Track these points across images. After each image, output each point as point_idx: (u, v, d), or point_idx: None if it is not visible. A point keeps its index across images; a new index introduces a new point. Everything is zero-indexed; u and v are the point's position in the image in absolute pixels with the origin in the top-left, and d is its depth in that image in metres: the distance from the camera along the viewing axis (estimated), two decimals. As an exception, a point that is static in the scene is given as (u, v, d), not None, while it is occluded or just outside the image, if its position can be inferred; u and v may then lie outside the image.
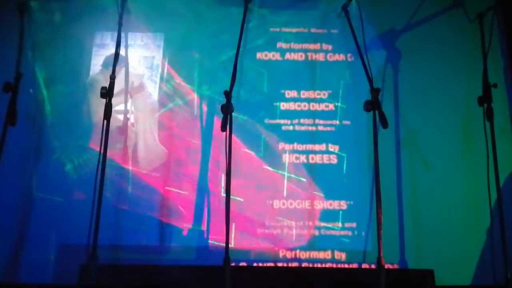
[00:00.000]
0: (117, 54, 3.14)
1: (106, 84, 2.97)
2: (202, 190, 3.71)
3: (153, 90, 3.93)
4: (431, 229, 3.60)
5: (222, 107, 2.86)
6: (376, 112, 2.93)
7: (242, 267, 3.48)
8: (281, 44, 4.00)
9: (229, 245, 2.74)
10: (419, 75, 3.92)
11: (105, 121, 2.91)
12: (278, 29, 4.02)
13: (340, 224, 3.66)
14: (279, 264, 3.54)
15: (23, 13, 3.16)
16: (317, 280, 3.29)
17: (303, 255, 3.60)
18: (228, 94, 2.90)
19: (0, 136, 2.91)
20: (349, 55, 3.92)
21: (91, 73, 3.91)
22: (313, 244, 3.63)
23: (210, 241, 3.59)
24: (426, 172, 3.72)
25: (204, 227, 3.63)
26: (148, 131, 3.83)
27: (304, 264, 3.57)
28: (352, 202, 3.71)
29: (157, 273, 3.27)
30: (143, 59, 3.99)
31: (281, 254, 3.60)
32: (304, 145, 3.81)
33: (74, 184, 3.60)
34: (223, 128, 2.82)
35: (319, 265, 3.56)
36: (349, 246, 3.62)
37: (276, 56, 3.98)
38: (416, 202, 3.69)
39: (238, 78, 3.18)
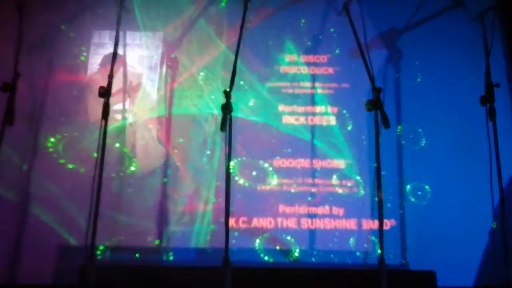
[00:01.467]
0: (115, 54, 3.11)
1: (104, 83, 2.95)
2: (202, 190, 3.70)
3: (151, 90, 3.91)
4: (433, 230, 3.60)
5: (222, 107, 2.85)
6: (378, 111, 2.91)
7: (242, 267, 3.46)
8: None
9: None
10: (420, 74, 3.92)
11: (103, 121, 2.89)
12: None
13: (338, 182, 3.75)
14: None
15: (22, 12, 3.13)
16: (318, 280, 3.29)
17: (302, 210, 3.70)
18: (227, 94, 2.89)
19: (-1, 136, 2.89)
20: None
21: (88, 72, 3.89)
22: (312, 200, 3.72)
23: (210, 241, 3.59)
24: (428, 172, 3.72)
25: (204, 227, 3.62)
26: (146, 131, 3.82)
27: (303, 221, 3.66)
28: (350, 161, 3.80)
29: (157, 273, 3.26)
30: (142, 58, 3.97)
31: (280, 210, 3.69)
32: (304, 107, 3.88)
33: (73, 184, 3.59)
34: (223, 128, 2.80)
35: (320, 224, 3.68)
36: (347, 202, 3.72)
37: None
38: (418, 202, 3.69)
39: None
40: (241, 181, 3.74)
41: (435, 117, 3.84)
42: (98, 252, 3.49)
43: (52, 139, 3.72)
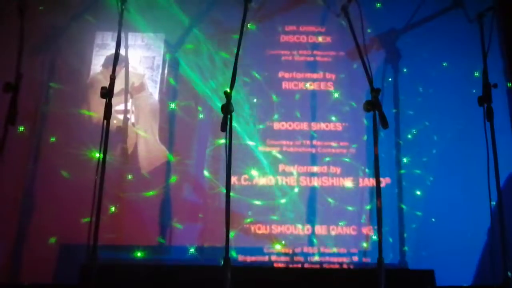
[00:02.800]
0: (117, 54, 3.13)
1: (107, 84, 2.97)
2: (203, 190, 3.71)
3: (153, 90, 3.93)
4: (432, 229, 3.61)
5: (222, 107, 2.86)
6: (376, 112, 2.92)
7: (242, 267, 3.48)
8: None
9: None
10: (419, 75, 3.93)
11: (105, 121, 2.91)
12: None
13: (335, 143, 3.83)
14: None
15: (23, 13, 3.15)
16: (317, 280, 3.30)
17: (301, 169, 3.77)
18: (228, 95, 2.90)
19: (0, 136, 2.90)
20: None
21: (91, 73, 3.91)
22: (310, 160, 3.80)
23: (210, 241, 3.60)
24: (427, 172, 3.73)
25: (204, 227, 3.63)
26: (148, 131, 3.84)
27: (302, 179, 3.73)
28: (347, 124, 3.87)
29: (157, 273, 3.27)
30: (144, 59, 3.99)
31: (280, 169, 3.77)
32: (303, 73, 3.99)
33: (74, 184, 3.60)
34: (223, 128, 2.81)
35: (317, 183, 3.74)
36: (344, 162, 3.81)
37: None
38: (416, 202, 3.70)
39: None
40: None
41: (434, 117, 3.85)
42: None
43: (54, 139, 3.73)
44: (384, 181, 3.73)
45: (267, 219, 3.68)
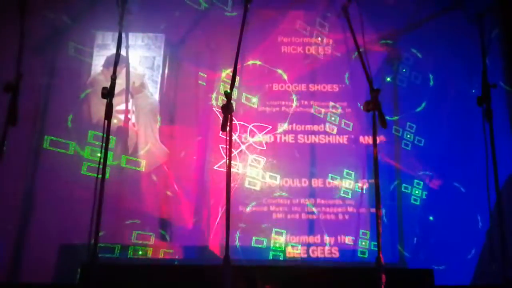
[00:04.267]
0: (118, 55, 3.14)
1: (107, 84, 2.97)
2: (203, 189, 3.72)
3: (154, 90, 3.94)
4: (431, 229, 3.62)
5: (223, 107, 2.86)
6: (376, 112, 2.93)
7: (242, 266, 3.49)
8: None
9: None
10: (419, 75, 3.93)
11: (106, 121, 2.91)
12: None
13: (331, 103, 3.94)
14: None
15: (23, 13, 3.15)
16: (317, 279, 3.30)
17: (299, 127, 3.87)
18: (228, 95, 2.90)
19: (0, 136, 2.90)
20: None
21: (92, 73, 3.92)
22: (308, 119, 3.94)
23: (210, 241, 3.60)
24: (426, 172, 3.74)
25: (204, 227, 3.64)
26: (149, 131, 3.84)
27: (300, 136, 3.85)
28: (343, 85, 3.97)
29: (157, 273, 3.27)
30: (144, 59, 4.00)
31: (279, 129, 3.87)
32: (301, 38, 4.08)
33: (74, 183, 3.61)
34: (223, 128, 2.82)
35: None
36: (340, 122, 3.91)
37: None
38: (415, 202, 3.70)
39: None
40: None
41: (434, 117, 3.86)
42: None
43: (55, 139, 3.74)
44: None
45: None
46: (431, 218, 3.67)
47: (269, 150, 3.84)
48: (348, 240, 3.71)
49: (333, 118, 3.92)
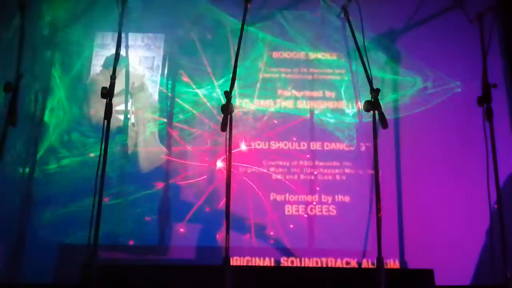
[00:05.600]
0: (117, 55, 3.14)
1: (107, 84, 2.97)
2: (203, 189, 3.72)
3: (153, 91, 3.94)
4: (431, 229, 3.61)
5: (222, 107, 2.86)
6: (376, 112, 2.93)
7: (242, 266, 3.49)
8: None
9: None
10: (419, 75, 3.93)
11: (106, 121, 2.91)
12: None
13: (331, 71, 3.97)
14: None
15: (23, 13, 3.16)
16: (317, 280, 3.30)
17: (299, 94, 3.95)
18: (228, 94, 2.91)
19: (0, 136, 2.91)
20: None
21: (91, 73, 3.92)
22: (307, 85, 3.98)
23: (210, 241, 3.61)
24: (426, 172, 3.74)
25: (204, 227, 3.64)
26: (148, 131, 3.84)
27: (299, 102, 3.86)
28: (341, 54, 4.01)
29: (157, 273, 3.27)
30: (144, 59, 4.00)
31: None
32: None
33: (74, 184, 3.61)
34: (223, 128, 2.82)
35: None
36: (339, 88, 3.94)
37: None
38: (416, 202, 3.70)
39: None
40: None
41: (434, 116, 3.86)
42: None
43: (55, 139, 3.74)
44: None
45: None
46: (432, 218, 3.66)
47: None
48: (345, 198, 3.74)
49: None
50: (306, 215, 3.71)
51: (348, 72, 3.97)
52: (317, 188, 3.77)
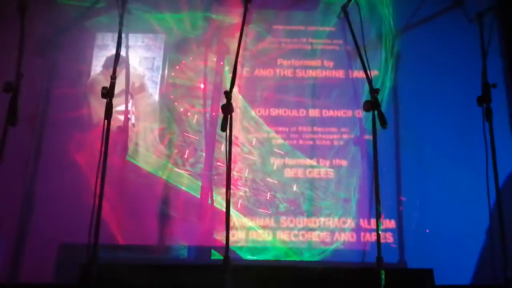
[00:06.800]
0: (117, 55, 3.14)
1: (107, 85, 2.97)
2: (203, 189, 3.72)
3: (153, 91, 3.94)
4: (431, 228, 3.61)
5: (222, 107, 2.87)
6: (376, 112, 2.93)
7: (242, 266, 3.49)
8: None
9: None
10: (419, 75, 3.94)
11: (106, 121, 2.92)
12: None
13: (329, 41, 4.08)
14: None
15: (23, 13, 3.16)
16: (317, 279, 3.30)
17: (297, 63, 4.03)
18: (228, 95, 2.91)
19: (0, 136, 2.91)
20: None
21: (92, 73, 3.92)
22: (306, 55, 4.05)
23: (210, 241, 3.61)
24: (426, 172, 3.74)
25: (204, 227, 3.64)
26: (148, 131, 3.85)
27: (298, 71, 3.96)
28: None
29: (157, 273, 3.27)
30: (144, 60, 4.00)
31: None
32: None
33: (74, 183, 3.61)
34: (223, 128, 2.82)
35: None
36: (336, 58, 4.06)
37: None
38: (416, 202, 3.70)
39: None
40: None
41: (433, 116, 3.86)
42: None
43: (55, 139, 3.74)
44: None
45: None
46: (431, 218, 3.67)
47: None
48: (342, 162, 3.81)
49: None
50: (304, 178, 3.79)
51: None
52: (316, 153, 3.85)
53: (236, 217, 3.66)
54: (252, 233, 3.66)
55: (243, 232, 3.65)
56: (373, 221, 3.65)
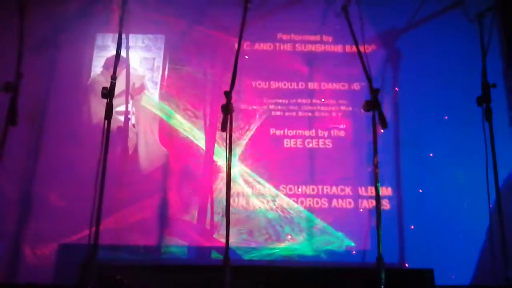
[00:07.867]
0: (118, 56, 3.15)
1: (107, 85, 2.97)
2: (203, 189, 3.72)
3: (153, 91, 3.94)
4: (431, 228, 3.61)
5: (222, 107, 2.87)
6: (376, 112, 2.93)
7: (242, 266, 3.49)
8: None
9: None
10: (419, 75, 3.94)
11: (106, 122, 2.92)
12: None
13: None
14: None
15: (23, 13, 3.16)
16: (317, 279, 3.30)
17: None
18: (228, 94, 2.91)
19: (0, 136, 2.91)
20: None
21: (92, 74, 3.93)
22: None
23: (210, 241, 3.61)
24: (426, 172, 3.74)
25: (204, 226, 3.64)
26: (148, 132, 3.85)
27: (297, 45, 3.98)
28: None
29: (157, 273, 3.27)
30: (144, 60, 4.00)
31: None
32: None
33: (74, 184, 3.61)
34: (223, 128, 2.82)
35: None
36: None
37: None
38: (416, 201, 3.70)
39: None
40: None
41: (433, 116, 3.86)
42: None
43: (56, 139, 3.74)
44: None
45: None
46: (431, 217, 3.66)
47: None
48: (340, 133, 3.87)
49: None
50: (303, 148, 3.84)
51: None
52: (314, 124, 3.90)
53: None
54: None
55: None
56: (370, 188, 3.73)
